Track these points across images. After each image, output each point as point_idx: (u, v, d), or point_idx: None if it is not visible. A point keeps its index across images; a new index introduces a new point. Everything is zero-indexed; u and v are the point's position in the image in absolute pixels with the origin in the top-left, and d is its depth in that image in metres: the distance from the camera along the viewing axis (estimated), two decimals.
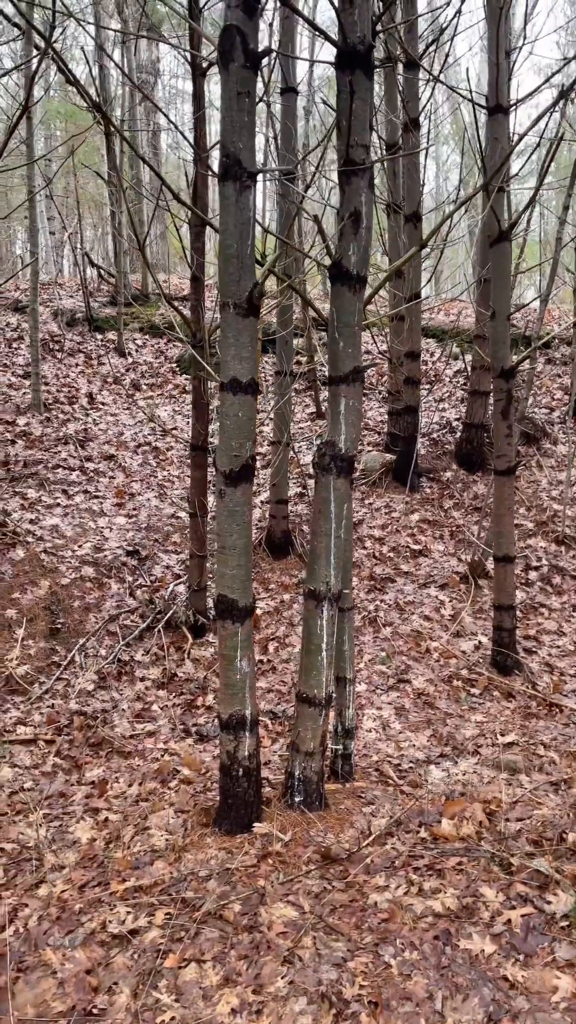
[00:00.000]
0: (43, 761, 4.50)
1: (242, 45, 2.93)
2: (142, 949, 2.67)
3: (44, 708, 5.10)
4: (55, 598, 6.13)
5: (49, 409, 9.44)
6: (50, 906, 2.96)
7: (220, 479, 3.29)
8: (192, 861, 3.21)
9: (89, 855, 3.37)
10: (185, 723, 5.00)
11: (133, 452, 8.70)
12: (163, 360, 11.05)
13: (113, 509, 7.51)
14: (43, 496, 7.53)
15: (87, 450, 8.62)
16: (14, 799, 4.00)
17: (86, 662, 5.62)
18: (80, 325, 11.62)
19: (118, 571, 6.59)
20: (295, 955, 2.58)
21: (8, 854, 3.42)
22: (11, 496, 7.44)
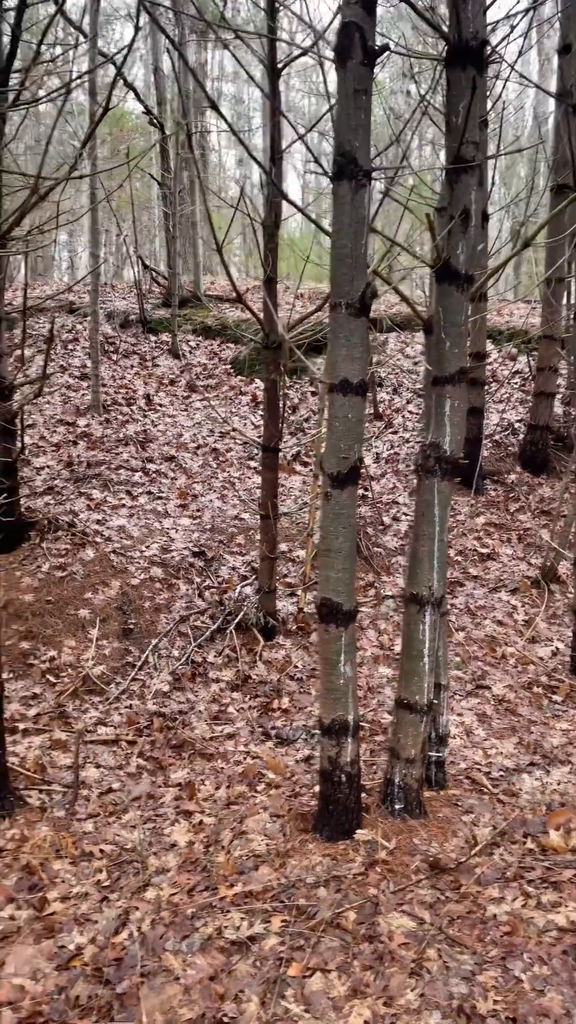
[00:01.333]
0: (127, 762, 4.50)
1: (361, 42, 2.89)
2: (263, 956, 2.64)
3: (122, 709, 5.11)
4: (126, 599, 6.15)
5: (108, 410, 9.49)
6: (161, 910, 2.94)
7: (326, 481, 3.25)
8: (297, 867, 3.17)
9: (190, 859, 3.35)
10: (263, 726, 4.97)
11: (193, 453, 8.72)
12: (217, 362, 11.07)
13: (177, 510, 7.52)
14: (108, 497, 7.56)
15: (148, 451, 8.65)
16: (105, 800, 4.00)
17: (160, 663, 5.62)
18: (134, 327, 11.69)
19: (186, 572, 6.59)
20: (422, 967, 2.53)
21: (108, 856, 3.42)
22: (77, 497, 7.49)
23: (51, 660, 5.49)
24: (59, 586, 6.11)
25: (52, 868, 3.28)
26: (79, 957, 2.70)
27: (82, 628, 5.82)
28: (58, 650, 5.58)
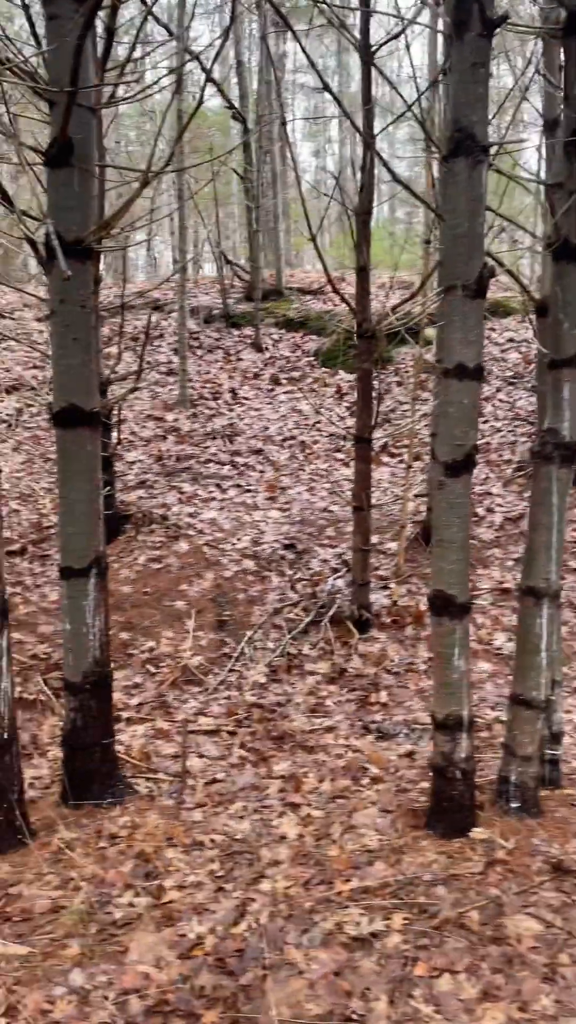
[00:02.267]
0: (229, 752, 4.51)
1: (479, 13, 2.79)
2: (386, 954, 2.59)
3: (221, 699, 5.14)
4: (220, 591, 6.19)
5: (195, 405, 9.59)
6: (278, 902, 2.92)
7: (439, 469, 3.16)
8: (412, 864, 3.11)
9: (301, 851, 3.32)
10: (362, 720, 4.92)
11: (279, 446, 8.72)
12: (300, 354, 11.04)
13: (266, 503, 7.53)
14: (198, 490, 7.63)
15: (235, 444, 8.70)
16: (211, 790, 4.01)
17: (255, 655, 5.63)
18: (217, 322, 11.77)
19: (277, 564, 6.59)
20: (555, 972, 2.44)
21: (220, 846, 3.42)
22: (168, 490, 7.58)
23: (150, 650, 5.56)
24: (155, 578, 6.19)
25: (166, 856, 3.30)
26: (200, 946, 2.70)
27: (178, 619, 5.89)
28: (156, 641, 5.66)
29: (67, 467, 3.79)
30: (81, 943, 2.70)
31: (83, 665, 3.83)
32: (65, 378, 3.74)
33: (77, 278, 3.58)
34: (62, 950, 2.67)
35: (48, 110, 3.71)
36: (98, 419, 3.87)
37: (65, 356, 3.72)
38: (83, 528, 3.81)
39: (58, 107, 3.53)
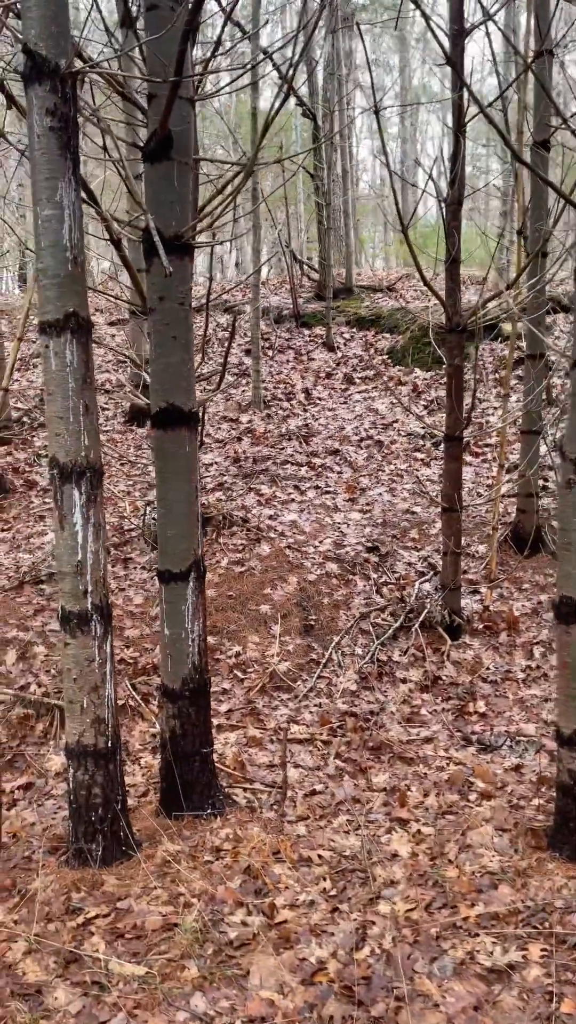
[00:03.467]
0: (324, 763, 4.37)
1: None
2: (528, 988, 2.40)
3: (312, 707, 5.00)
4: (304, 594, 6.06)
5: (269, 406, 9.49)
6: (400, 927, 2.76)
7: (568, 467, 2.96)
8: (540, 889, 2.91)
9: (416, 871, 3.16)
10: (461, 730, 4.72)
11: (356, 446, 8.55)
12: (372, 352, 10.85)
13: (346, 504, 7.37)
14: (276, 492, 7.52)
15: (311, 445, 8.56)
16: (311, 802, 3.88)
17: (344, 661, 5.48)
18: (287, 321, 11.67)
19: (361, 567, 6.42)
20: None
21: (328, 863, 3.28)
22: (246, 492, 7.49)
23: (236, 656, 5.46)
24: (238, 581, 6.10)
25: (274, 872, 3.17)
26: (323, 972, 2.56)
27: (264, 624, 5.77)
28: (243, 646, 5.56)
29: (165, 468, 3.70)
30: (199, 964, 2.59)
31: (182, 671, 3.74)
32: (164, 377, 3.66)
33: (176, 275, 3.49)
34: (180, 972, 2.56)
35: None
36: (196, 419, 3.78)
37: (164, 355, 3.64)
38: (182, 530, 3.72)
39: (158, 99, 3.45)
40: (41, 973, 2.59)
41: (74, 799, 3.32)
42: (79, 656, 3.28)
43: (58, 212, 3.09)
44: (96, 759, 3.30)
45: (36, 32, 3.00)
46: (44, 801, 4.24)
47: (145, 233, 3.55)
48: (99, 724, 3.30)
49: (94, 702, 3.30)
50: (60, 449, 3.22)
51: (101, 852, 3.24)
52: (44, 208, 3.10)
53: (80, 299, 3.20)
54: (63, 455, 3.21)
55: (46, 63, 3.01)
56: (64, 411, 3.20)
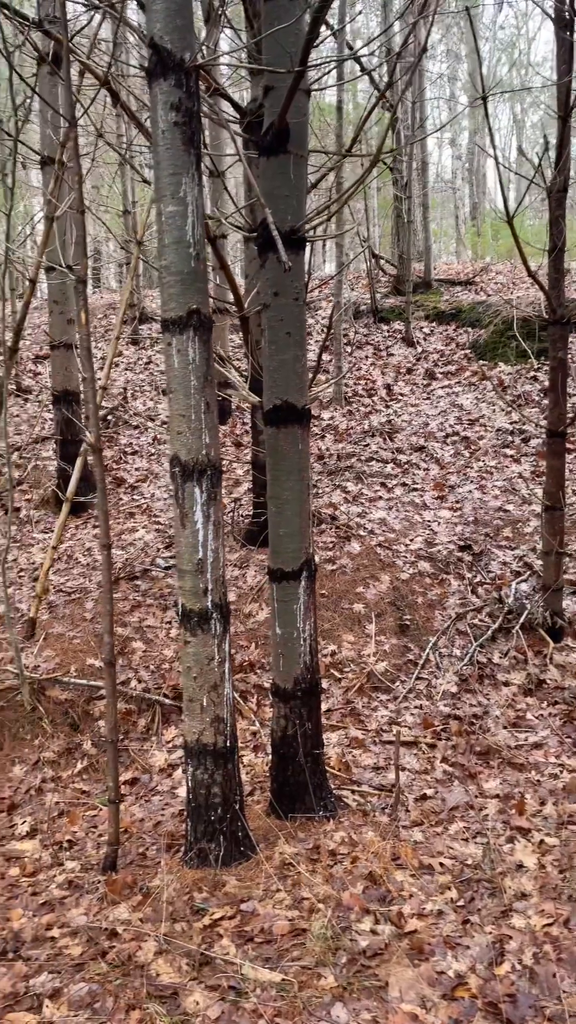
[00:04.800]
0: (431, 766, 4.27)
1: None
2: None
3: (412, 708, 4.90)
4: (398, 593, 5.96)
5: (350, 402, 9.40)
6: (539, 942, 2.66)
7: None
8: None
9: (547, 884, 3.04)
10: (571, 736, 4.56)
11: (442, 443, 8.39)
12: (454, 347, 10.65)
13: (435, 502, 7.23)
14: (363, 489, 7.43)
15: (395, 442, 8.44)
16: (424, 807, 3.79)
17: (442, 662, 5.36)
18: (365, 317, 11.55)
19: (455, 567, 6.28)
20: None
21: (451, 871, 3.19)
22: (332, 490, 7.42)
23: (332, 655, 5.40)
24: (331, 579, 6.03)
25: (396, 879, 3.10)
26: (464, 987, 2.48)
27: (358, 623, 5.70)
28: (338, 644, 5.49)
29: (278, 466, 3.66)
30: (335, 974, 2.53)
31: (294, 671, 3.69)
32: (278, 375, 3.61)
33: (292, 270, 3.43)
34: (317, 980, 2.51)
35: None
36: (309, 416, 3.73)
37: (278, 352, 3.59)
38: (294, 529, 3.67)
39: (276, 91, 3.40)
40: (175, 975, 2.58)
41: (193, 798, 3.31)
42: (199, 654, 3.27)
43: (182, 208, 3.07)
44: (215, 758, 3.28)
45: (161, 26, 2.99)
46: (151, 797, 4.26)
47: (261, 228, 3.51)
48: (218, 723, 3.28)
49: (213, 701, 3.27)
50: (182, 447, 3.20)
51: (222, 852, 3.22)
52: (167, 204, 3.08)
53: (202, 296, 3.17)
54: (185, 453, 3.20)
55: (171, 57, 2.98)
56: (186, 409, 3.18)
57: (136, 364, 11.30)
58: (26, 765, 4.58)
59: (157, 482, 8.19)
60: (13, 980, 2.59)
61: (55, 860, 3.58)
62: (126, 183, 11.59)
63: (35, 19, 4.71)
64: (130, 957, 2.67)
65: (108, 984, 2.54)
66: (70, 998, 2.48)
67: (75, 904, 3.11)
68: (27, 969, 2.66)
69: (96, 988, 2.52)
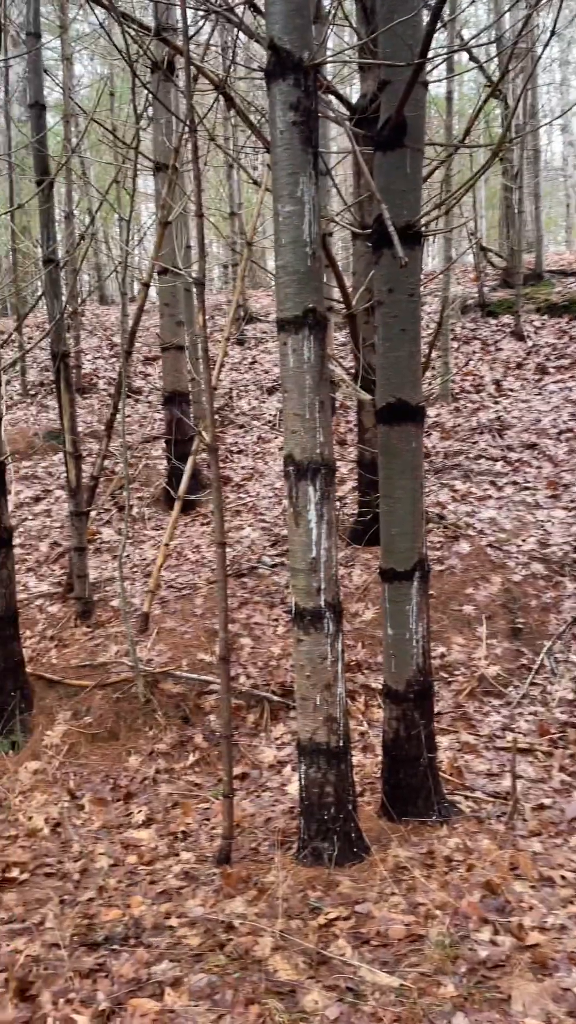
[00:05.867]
0: (548, 775, 4.13)
1: None
2: None
3: (527, 715, 4.76)
4: (510, 595, 5.79)
5: (456, 399, 9.22)
6: None
7: None
8: None
9: None
10: None
11: (555, 440, 8.11)
12: (567, 340, 10.27)
13: (548, 501, 6.99)
14: (471, 487, 7.27)
15: (505, 439, 8.22)
16: (542, 817, 3.66)
17: (558, 668, 5.18)
18: (472, 311, 11.31)
19: (571, 568, 6.06)
20: None
21: (573, 885, 3.07)
22: (439, 488, 7.30)
23: (441, 656, 5.31)
24: (439, 580, 5.93)
25: (514, 890, 3.01)
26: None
27: (468, 625, 5.58)
28: (447, 647, 5.39)
29: (390, 464, 3.62)
30: (454, 983, 2.48)
31: (406, 673, 3.64)
32: (391, 372, 3.57)
33: (407, 266, 3.38)
34: (436, 988, 2.47)
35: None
36: (423, 414, 3.67)
37: (392, 349, 3.55)
38: (406, 528, 3.62)
39: (393, 86, 3.36)
40: (292, 972, 2.59)
41: (306, 796, 3.32)
42: (312, 653, 3.27)
43: (299, 208, 3.08)
44: (328, 758, 3.28)
45: (280, 26, 3.00)
46: (261, 793, 4.31)
47: (376, 224, 3.48)
48: (331, 723, 3.28)
49: (327, 700, 3.27)
50: (296, 446, 3.21)
51: (335, 852, 3.22)
52: (285, 204, 3.10)
53: (318, 295, 3.17)
54: (299, 452, 3.21)
55: (290, 57, 2.99)
56: (301, 408, 3.19)
57: (241, 364, 11.46)
58: (141, 756, 4.72)
59: (262, 480, 8.28)
60: (135, 966, 2.66)
61: (171, 850, 3.66)
62: (232, 185, 11.76)
63: (152, 27, 4.83)
64: (247, 951, 2.70)
65: (227, 976, 2.58)
66: (190, 988, 2.53)
67: (192, 895, 3.17)
68: (148, 956, 2.73)
69: (215, 980, 2.56)
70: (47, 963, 2.74)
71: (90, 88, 14.35)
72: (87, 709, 5.05)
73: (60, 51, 9.31)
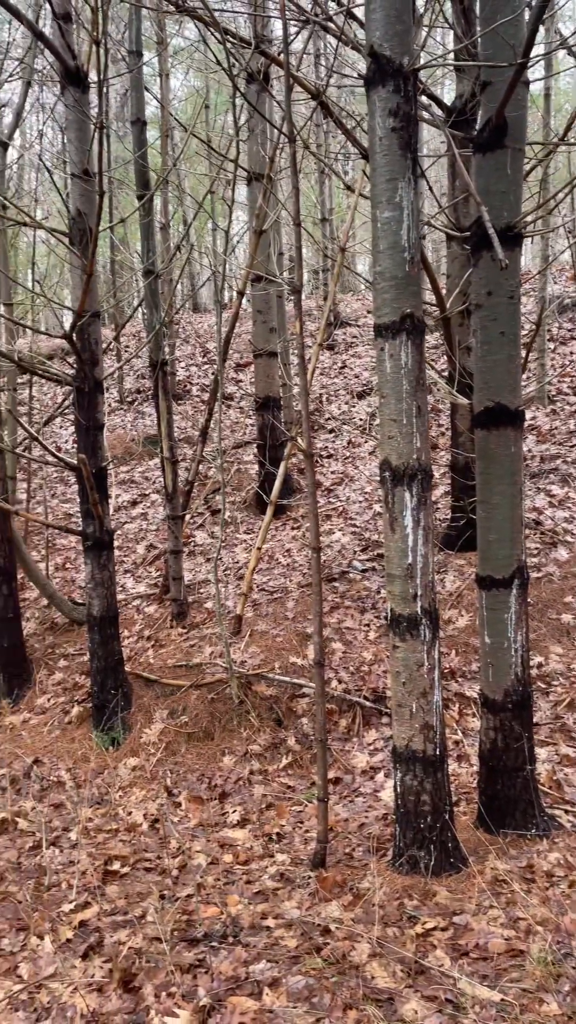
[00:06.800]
0: None
1: None
2: None
3: None
4: None
5: (553, 401, 8.98)
6: None
7: None
8: None
9: None
10: None
11: None
12: None
13: None
14: (570, 492, 7.06)
15: None
16: None
17: None
18: (570, 311, 10.98)
19: None
20: None
21: None
22: (536, 493, 7.12)
23: (539, 666, 5.17)
24: (536, 587, 5.78)
25: None
26: None
27: (567, 634, 5.42)
28: (544, 656, 5.25)
29: (488, 470, 3.56)
30: (558, 1001, 2.42)
31: (504, 682, 3.57)
32: (490, 376, 3.52)
33: (507, 268, 3.32)
34: (538, 1005, 2.41)
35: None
36: (522, 418, 3.60)
37: (491, 352, 3.50)
38: (505, 535, 3.55)
39: (493, 87, 3.31)
40: (389, 980, 2.58)
41: (402, 804, 3.30)
42: (408, 660, 3.25)
43: (397, 214, 3.07)
44: (425, 766, 3.25)
45: (380, 33, 3.01)
46: (354, 798, 4.30)
47: (475, 226, 3.44)
48: (428, 730, 3.25)
49: (423, 707, 3.25)
50: (393, 452, 3.20)
51: (432, 862, 3.19)
52: (383, 211, 3.10)
53: (416, 300, 3.15)
54: (396, 458, 3.20)
55: (390, 63, 3.00)
56: (398, 414, 3.18)
57: (331, 369, 11.48)
58: (235, 756, 4.79)
59: (352, 485, 8.27)
60: (234, 964, 2.71)
61: (266, 851, 3.71)
62: (323, 191, 11.81)
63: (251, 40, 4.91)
64: (344, 956, 2.71)
65: (324, 980, 2.59)
66: (288, 989, 2.56)
67: (287, 896, 3.20)
68: (246, 955, 2.77)
69: (313, 983, 2.58)
70: (149, 956, 2.82)
71: (185, 101, 14.69)
72: (183, 708, 5.17)
73: (157, 67, 9.57)
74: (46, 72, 8.91)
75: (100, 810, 4.25)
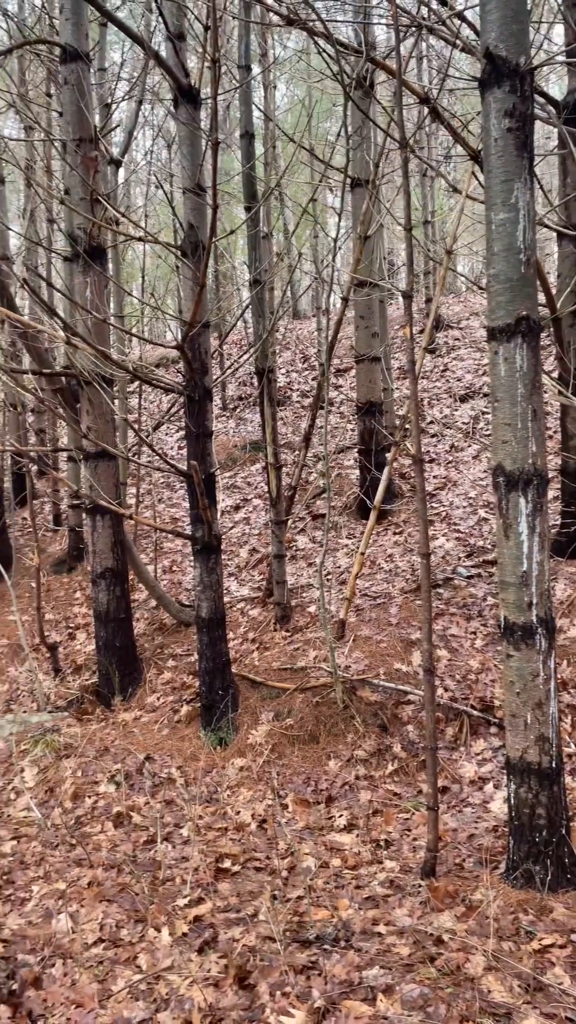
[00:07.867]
0: None
1: None
2: None
3: None
4: None
5: None
6: None
7: None
8: None
9: None
10: None
11: None
12: None
13: None
14: None
15: None
16: None
17: None
18: None
19: None
20: None
21: None
22: None
23: None
24: None
25: None
26: None
27: None
28: None
29: None
30: None
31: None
32: None
33: None
34: None
35: None
36: None
37: None
38: None
39: None
40: (507, 995, 2.53)
41: (516, 816, 3.23)
42: (523, 670, 3.18)
43: (513, 215, 3.03)
44: (540, 778, 3.17)
45: (496, 34, 2.97)
46: (462, 808, 4.24)
47: None
48: (543, 742, 3.17)
49: (538, 719, 3.17)
50: (507, 456, 3.15)
51: (548, 877, 3.11)
52: (498, 212, 3.06)
53: (531, 302, 3.10)
54: (509, 463, 3.14)
55: (505, 64, 2.96)
56: (512, 417, 3.12)
57: (432, 372, 11.35)
58: (340, 760, 4.80)
59: (455, 490, 8.15)
60: (347, 968, 2.72)
61: (374, 857, 3.70)
62: (426, 193, 11.70)
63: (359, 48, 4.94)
64: (459, 967, 2.68)
65: (439, 990, 2.56)
66: (402, 996, 2.55)
67: (398, 904, 3.19)
68: (359, 960, 2.78)
69: (427, 992, 2.56)
70: (262, 954, 2.86)
71: (288, 111, 14.87)
72: (288, 711, 5.23)
73: (261, 79, 9.73)
74: (154, 90, 9.21)
75: (210, 808, 4.35)
